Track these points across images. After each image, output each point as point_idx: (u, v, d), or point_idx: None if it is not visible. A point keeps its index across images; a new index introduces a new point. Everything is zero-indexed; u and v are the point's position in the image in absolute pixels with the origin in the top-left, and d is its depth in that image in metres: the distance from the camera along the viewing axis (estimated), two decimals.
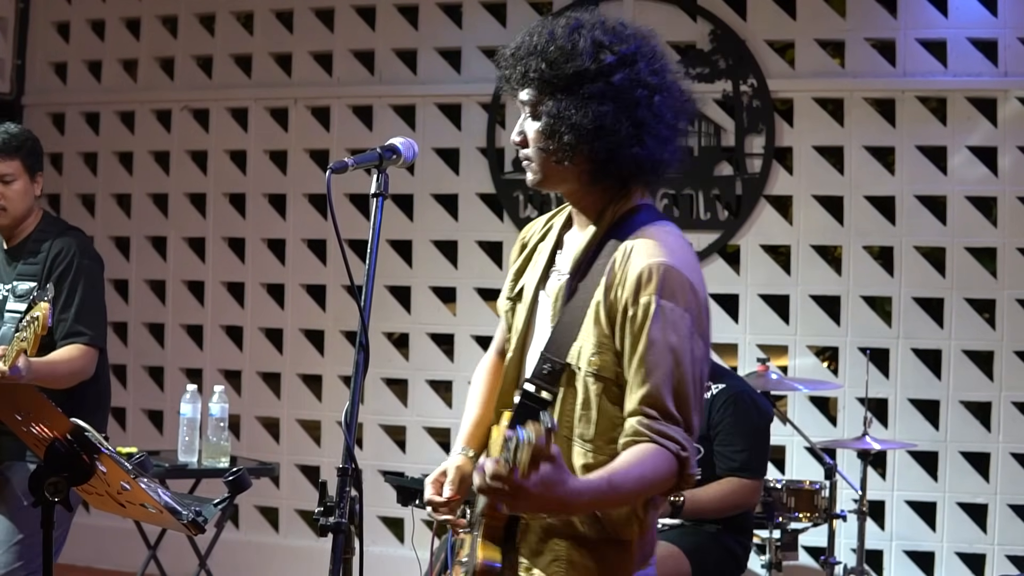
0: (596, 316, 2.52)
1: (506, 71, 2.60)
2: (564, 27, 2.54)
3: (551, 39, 2.53)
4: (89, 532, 6.39)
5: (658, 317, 2.44)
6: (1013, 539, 5.83)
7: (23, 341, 3.73)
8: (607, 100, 2.50)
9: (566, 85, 2.51)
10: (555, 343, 2.56)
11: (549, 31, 2.55)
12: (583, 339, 2.53)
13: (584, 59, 2.51)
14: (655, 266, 2.46)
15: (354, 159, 2.64)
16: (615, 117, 2.50)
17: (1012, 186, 5.93)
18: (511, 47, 2.59)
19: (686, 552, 4.49)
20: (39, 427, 2.81)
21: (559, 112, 2.51)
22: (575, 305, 2.56)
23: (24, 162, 4.27)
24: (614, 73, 2.51)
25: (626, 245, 2.52)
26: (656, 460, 2.41)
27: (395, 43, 6.81)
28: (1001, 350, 5.91)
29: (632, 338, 2.46)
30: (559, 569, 2.57)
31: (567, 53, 2.52)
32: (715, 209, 6.25)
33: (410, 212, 6.67)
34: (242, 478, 2.94)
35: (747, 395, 4.66)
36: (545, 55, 2.53)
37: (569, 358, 2.53)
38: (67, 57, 7.40)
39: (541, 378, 2.55)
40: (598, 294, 2.52)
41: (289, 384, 6.95)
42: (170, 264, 7.20)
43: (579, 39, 2.52)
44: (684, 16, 6.36)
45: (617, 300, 2.49)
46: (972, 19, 5.98)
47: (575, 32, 2.54)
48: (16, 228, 4.31)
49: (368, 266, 2.61)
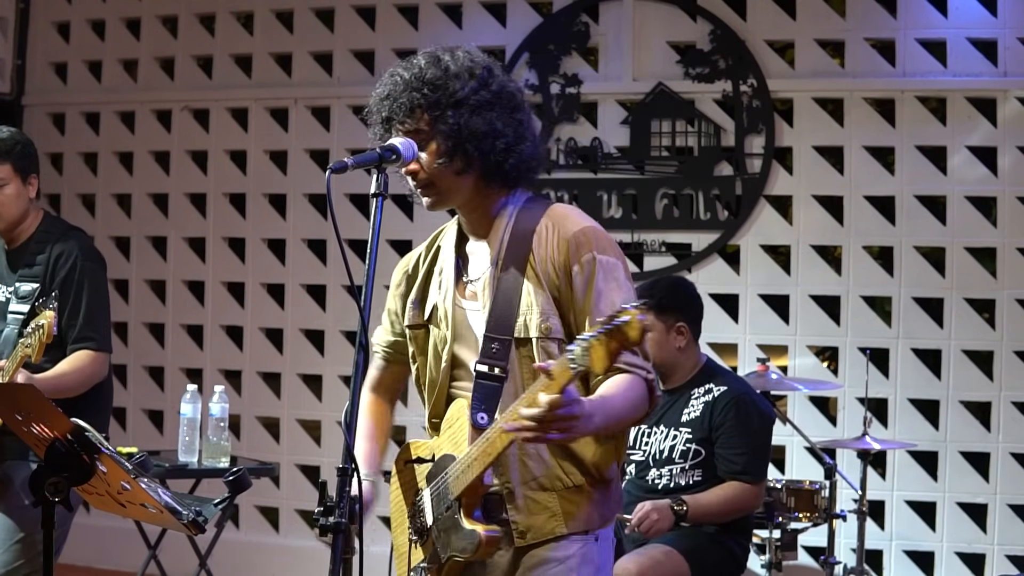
0: (536, 288, 2.78)
1: (386, 113, 2.79)
2: (426, 62, 2.78)
3: (421, 72, 2.76)
4: (89, 532, 6.39)
5: (600, 269, 2.75)
6: (1013, 539, 5.83)
7: (28, 348, 3.72)
8: (494, 107, 2.77)
9: (454, 102, 2.74)
10: (495, 324, 2.78)
11: (415, 70, 2.77)
12: (524, 313, 2.78)
13: (463, 76, 2.76)
14: (585, 229, 2.80)
15: (354, 159, 2.66)
16: (503, 121, 2.77)
17: (1012, 186, 5.94)
18: (378, 97, 2.80)
19: (684, 554, 4.48)
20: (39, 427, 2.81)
21: (458, 125, 2.74)
22: (504, 288, 2.80)
23: (15, 165, 4.23)
24: (490, 84, 2.78)
25: (543, 224, 2.82)
26: (634, 384, 2.71)
27: (395, 43, 6.81)
28: (1001, 350, 5.91)
29: (581, 291, 2.75)
30: (559, 522, 2.78)
31: (445, 76, 2.75)
32: (715, 209, 6.25)
33: (410, 212, 6.68)
34: (242, 478, 2.94)
35: (749, 398, 4.65)
36: (425, 83, 2.75)
37: (516, 332, 2.77)
38: (67, 57, 7.40)
39: (491, 356, 2.77)
40: (531, 270, 2.79)
41: (289, 384, 6.95)
42: (170, 264, 7.20)
43: (448, 63, 2.77)
44: (684, 16, 6.36)
45: (557, 266, 2.78)
46: (972, 19, 5.99)
47: (438, 60, 2.78)
48: (14, 231, 4.29)
49: (368, 266, 2.62)
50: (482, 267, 2.86)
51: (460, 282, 2.89)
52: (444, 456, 2.83)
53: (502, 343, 2.76)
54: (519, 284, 2.78)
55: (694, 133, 6.28)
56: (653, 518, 4.38)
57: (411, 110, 2.74)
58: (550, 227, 2.81)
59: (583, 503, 2.79)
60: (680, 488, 4.56)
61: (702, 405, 4.60)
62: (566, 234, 2.79)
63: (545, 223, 2.82)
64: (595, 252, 2.77)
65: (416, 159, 2.76)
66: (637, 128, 6.36)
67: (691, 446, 4.59)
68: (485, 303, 2.81)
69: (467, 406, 2.78)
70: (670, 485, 4.59)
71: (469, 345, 2.85)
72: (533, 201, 2.89)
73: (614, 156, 6.40)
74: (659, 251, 6.32)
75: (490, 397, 2.76)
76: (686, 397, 4.64)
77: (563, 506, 2.77)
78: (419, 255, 3.02)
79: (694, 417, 4.60)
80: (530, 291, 2.78)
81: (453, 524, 2.76)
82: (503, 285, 2.80)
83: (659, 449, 4.63)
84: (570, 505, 2.78)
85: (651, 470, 4.63)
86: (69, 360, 4.12)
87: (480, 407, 2.76)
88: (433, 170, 2.77)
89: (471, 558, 2.74)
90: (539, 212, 2.85)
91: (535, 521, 2.76)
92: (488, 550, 2.73)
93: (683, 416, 4.61)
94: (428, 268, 2.98)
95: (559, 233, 2.79)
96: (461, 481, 2.73)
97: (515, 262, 2.80)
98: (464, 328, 2.86)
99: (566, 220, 2.82)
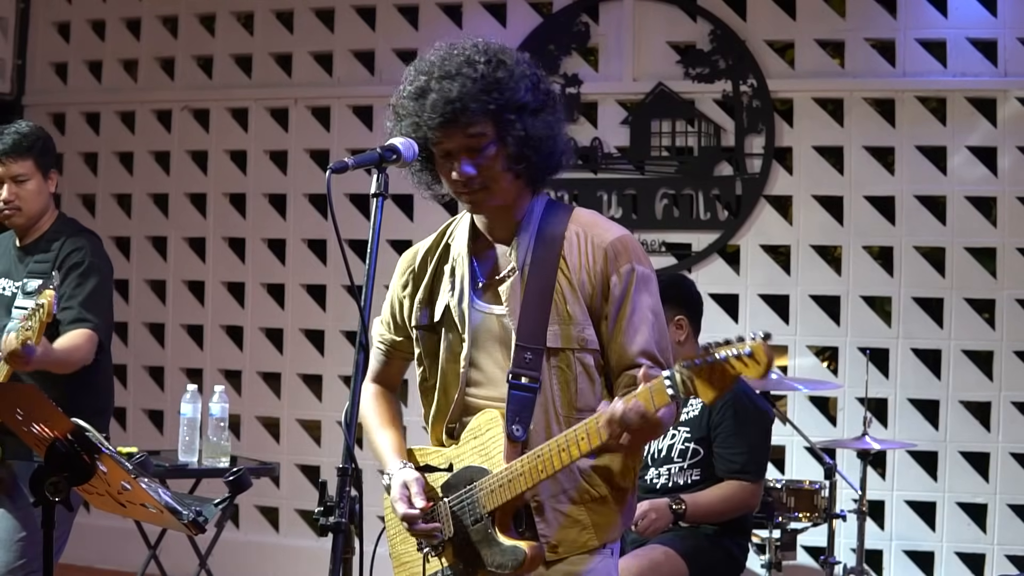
0: (570, 297, 2.75)
1: (450, 116, 2.68)
2: (488, 61, 2.71)
3: (488, 74, 2.70)
4: (89, 532, 6.39)
5: (639, 280, 2.76)
6: (1013, 539, 5.83)
7: (28, 331, 3.70)
8: (547, 110, 2.78)
9: (519, 106, 2.73)
10: (528, 332, 2.74)
11: (479, 70, 2.69)
12: (557, 321, 2.74)
13: (525, 78, 2.74)
14: (622, 238, 2.79)
15: (354, 159, 2.65)
16: (554, 124, 2.79)
17: (1012, 186, 5.94)
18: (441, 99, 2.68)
19: (683, 555, 4.47)
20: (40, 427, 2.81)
21: (524, 130, 2.72)
22: (534, 294, 2.75)
23: (37, 161, 4.25)
24: (541, 85, 2.78)
25: (572, 230, 2.79)
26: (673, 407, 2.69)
27: (395, 43, 6.81)
28: (1001, 350, 5.91)
29: (617, 302, 2.75)
30: (591, 535, 2.77)
31: (511, 79, 2.72)
32: (715, 209, 6.25)
33: (410, 212, 6.68)
34: (242, 478, 2.94)
35: (747, 397, 4.65)
36: (494, 87, 2.70)
37: (549, 341, 2.74)
38: (67, 57, 7.40)
39: (525, 366, 2.73)
40: (563, 278, 2.75)
41: (289, 384, 6.95)
42: (170, 264, 7.20)
43: (511, 64, 2.73)
44: (684, 16, 6.36)
45: (593, 275, 2.75)
46: (972, 19, 5.99)
47: (501, 62, 2.73)
48: (31, 227, 4.31)
49: (368, 266, 2.62)
50: (502, 270, 2.82)
51: (476, 284, 2.84)
52: (469, 468, 2.79)
53: (535, 352, 2.73)
54: (549, 291, 2.75)
55: (694, 133, 6.28)
56: (651, 517, 4.38)
57: (482, 115, 2.70)
58: (581, 234, 2.78)
59: (609, 514, 2.78)
60: (678, 487, 4.56)
61: (700, 404, 4.60)
62: (601, 242, 2.77)
63: (575, 229, 2.79)
64: (634, 263, 2.76)
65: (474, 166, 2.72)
66: (637, 128, 6.36)
67: (690, 445, 4.59)
68: (514, 310, 2.77)
69: (501, 417, 2.74)
70: (668, 484, 4.59)
71: (487, 350, 2.81)
72: (554, 204, 2.87)
73: (614, 156, 6.40)
74: (659, 251, 6.32)
75: (524, 408, 2.72)
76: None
77: (592, 519, 2.76)
78: (424, 252, 2.95)
79: (693, 416, 4.60)
80: (563, 299, 2.75)
81: (485, 539, 2.72)
82: (531, 291, 2.76)
83: (657, 448, 4.62)
84: (599, 517, 2.77)
85: (649, 469, 4.63)
86: (63, 338, 4.08)
87: (515, 419, 2.71)
88: (495, 174, 2.74)
89: (513, 574, 2.70)
90: (564, 216, 2.82)
91: (567, 535, 2.74)
92: (533, 567, 2.70)
93: (682, 415, 4.61)
94: (436, 267, 2.91)
95: (593, 241, 2.77)
96: (498, 496, 2.71)
97: (544, 268, 2.76)
98: (482, 332, 2.81)
99: (597, 227, 2.80)
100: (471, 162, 2.72)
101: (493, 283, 2.83)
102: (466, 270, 2.85)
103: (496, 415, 2.75)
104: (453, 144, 2.72)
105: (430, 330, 2.89)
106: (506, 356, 2.77)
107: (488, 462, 2.75)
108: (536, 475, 2.65)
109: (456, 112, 2.68)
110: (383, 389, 3.08)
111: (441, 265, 2.90)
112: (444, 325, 2.86)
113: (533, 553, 2.68)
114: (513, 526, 2.73)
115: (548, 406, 2.72)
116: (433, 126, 2.70)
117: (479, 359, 2.82)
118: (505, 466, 2.70)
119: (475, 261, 2.86)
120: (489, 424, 2.77)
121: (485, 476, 2.74)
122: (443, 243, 2.94)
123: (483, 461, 2.76)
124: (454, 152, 2.73)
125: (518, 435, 2.70)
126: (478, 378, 2.82)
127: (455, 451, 2.84)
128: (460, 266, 2.86)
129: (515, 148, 2.72)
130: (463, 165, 2.72)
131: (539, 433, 2.72)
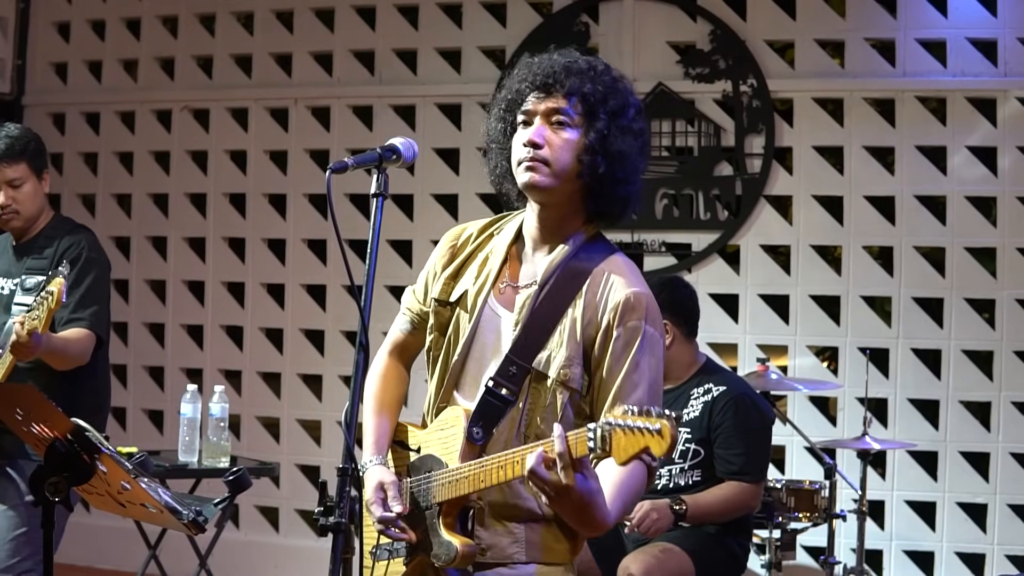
0: (571, 332, 2.73)
1: (545, 79, 2.73)
2: (602, 65, 2.78)
3: (597, 70, 2.75)
4: (89, 532, 6.39)
5: (644, 340, 2.72)
6: (1013, 539, 5.83)
7: (35, 320, 3.71)
8: (635, 138, 2.76)
9: (611, 112, 2.73)
10: (521, 348, 2.75)
11: (588, 65, 2.76)
12: (552, 348, 2.74)
13: (626, 96, 2.77)
14: (639, 295, 2.75)
15: (354, 159, 2.65)
16: (636, 156, 2.76)
17: (1012, 186, 5.94)
18: (545, 66, 2.74)
19: (688, 552, 4.48)
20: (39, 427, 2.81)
21: (606, 133, 2.71)
22: (542, 315, 2.75)
23: (31, 164, 4.26)
24: (639, 118, 2.78)
25: (601, 270, 2.77)
26: (642, 472, 2.67)
27: (395, 43, 6.81)
28: (1001, 350, 5.91)
29: (617, 356, 2.72)
30: (519, 549, 2.77)
31: (614, 84, 2.76)
32: (715, 209, 6.25)
33: (410, 212, 6.68)
34: (242, 478, 2.93)
35: (748, 398, 4.65)
36: (598, 79, 2.73)
37: (536, 363, 2.74)
38: (67, 57, 7.40)
39: (507, 378, 2.74)
40: (574, 312, 2.74)
41: (289, 384, 6.95)
42: (170, 264, 7.20)
43: (618, 77, 2.78)
44: (684, 16, 6.36)
45: (600, 322, 2.73)
46: (972, 19, 5.99)
47: (610, 69, 2.79)
48: (32, 225, 4.32)
49: (368, 266, 2.62)
50: (525, 280, 2.83)
51: (497, 284, 2.85)
52: (429, 456, 2.83)
53: (520, 368, 2.74)
54: (556, 318, 2.75)
55: (694, 133, 6.28)
56: (653, 517, 4.39)
57: (577, 92, 2.71)
58: (606, 278, 2.76)
59: (548, 537, 2.78)
60: (679, 488, 4.56)
61: (701, 405, 4.60)
62: (619, 293, 2.74)
63: (604, 270, 2.77)
64: (644, 321, 2.73)
65: (543, 136, 2.72)
66: None
67: (690, 446, 4.59)
68: (518, 321, 2.78)
69: (465, 417, 2.76)
70: (669, 485, 4.59)
71: (485, 347, 2.82)
72: (599, 240, 2.84)
73: None
74: (659, 251, 6.32)
75: (491, 416, 2.74)
76: (685, 397, 4.64)
77: (528, 535, 2.77)
78: (471, 234, 2.95)
79: (693, 417, 4.60)
80: (564, 330, 2.74)
81: (431, 526, 2.77)
82: (540, 312, 2.76)
83: None
84: (535, 536, 2.77)
85: None
86: (62, 334, 4.08)
87: (479, 422, 2.74)
88: (560, 154, 2.71)
89: (443, 566, 2.75)
90: (601, 256, 2.80)
91: (498, 542, 2.77)
92: (463, 563, 2.74)
93: (682, 416, 4.60)
94: (473, 251, 2.92)
95: (613, 288, 2.75)
96: (446, 491, 2.74)
97: (560, 295, 2.76)
98: (486, 330, 2.83)
99: (622, 276, 2.77)
100: (545, 134, 2.72)
101: (513, 288, 2.83)
102: (496, 266, 2.85)
103: (462, 414, 2.78)
104: (541, 107, 2.73)
105: (444, 306, 2.90)
106: (496, 360, 2.79)
107: (447, 456, 2.79)
108: (478, 482, 2.68)
109: (558, 81, 2.72)
110: (394, 364, 3.05)
111: (477, 251, 2.91)
112: (459, 307, 2.87)
113: (464, 551, 2.72)
114: (457, 521, 2.77)
115: (516, 422, 2.75)
116: (535, 82, 2.73)
117: (474, 354, 2.83)
118: (456, 465, 2.74)
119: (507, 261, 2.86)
120: (454, 420, 2.80)
121: (440, 469, 2.78)
122: (489, 232, 2.93)
123: (443, 454, 2.80)
124: (534, 116, 2.74)
125: (477, 438, 2.74)
126: (467, 371, 2.84)
127: (424, 436, 2.89)
128: (493, 259, 2.87)
129: (591, 142, 2.71)
130: (539, 129, 2.73)
131: (499, 443, 2.74)
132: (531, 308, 2.77)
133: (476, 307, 2.84)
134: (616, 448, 2.38)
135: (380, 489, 2.79)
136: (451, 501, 2.74)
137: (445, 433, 2.82)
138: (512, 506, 2.77)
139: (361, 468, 2.84)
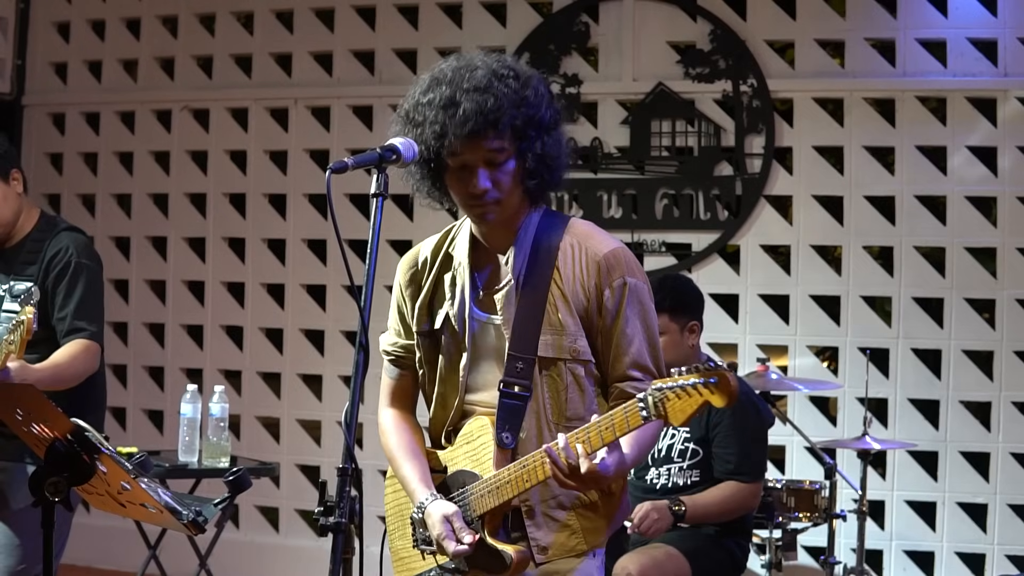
0: (563, 308, 2.77)
1: (473, 128, 2.67)
2: (505, 70, 2.72)
3: (517, 91, 2.71)
4: (89, 532, 6.39)
5: (631, 293, 2.79)
6: (1013, 539, 5.83)
7: (11, 344, 3.60)
8: (557, 128, 2.82)
9: (538, 124, 2.76)
10: (520, 342, 2.77)
11: (508, 85, 2.70)
12: (549, 331, 2.77)
13: (543, 96, 2.78)
14: (615, 251, 2.81)
15: (354, 159, 2.64)
16: (563, 142, 2.84)
17: (1012, 186, 5.94)
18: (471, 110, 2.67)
19: (686, 554, 4.49)
20: (39, 427, 2.81)
21: (543, 148, 2.76)
22: (527, 305, 2.78)
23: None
24: (553, 103, 2.82)
25: (568, 241, 2.82)
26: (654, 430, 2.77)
27: (395, 43, 6.81)
28: (1001, 350, 5.91)
29: (611, 315, 2.78)
30: (579, 539, 2.81)
31: (536, 96, 2.75)
32: (715, 209, 6.25)
33: (410, 212, 6.68)
34: (242, 478, 2.93)
35: (746, 397, 4.65)
36: (522, 103, 2.71)
37: (540, 351, 2.77)
38: (67, 57, 7.40)
39: (516, 376, 2.77)
40: (556, 289, 2.78)
41: (289, 384, 6.95)
42: (170, 264, 7.20)
43: (521, 74, 2.75)
44: (684, 16, 6.36)
45: (587, 288, 2.78)
46: (972, 19, 5.98)
47: (530, 78, 2.76)
48: (11, 230, 4.15)
49: (368, 266, 2.62)
50: (499, 280, 2.84)
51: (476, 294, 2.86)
52: (461, 471, 2.83)
53: (526, 362, 2.76)
54: (542, 302, 2.77)
55: (694, 133, 6.28)
56: (653, 518, 4.39)
57: (504, 127, 2.70)
58: (576, 246, 2.81)
59: (598, 519, 2.83)
60: (678, 488, 4.57)
61: None
62: (595, 255, 2.79)
63: (569, 240, 2.82)
64: (626, 276, 2.79)
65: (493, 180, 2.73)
66: (637, 128, 6.36)
67: (689, 445, 4.59)
68: (507, 319, 2.79)
69: (491, 424, 2.77)
70: (668, 485, 4.59)
71: (484, 357, 2.84)
72: (551, 215, 2.89)
73: (614, 156, 6.40)
74: (659, 251, 6.32)
75: (514, 416, 2.76)
76: None
77: (582, 524, 2.81)
78: (425, 258, 2.96)
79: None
80: (555, 309, 2.77)
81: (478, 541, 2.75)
82: (525, 302, 2.78)
83: (657, 448, 4.63)
84: (588, 522, 2.82)
85: (649, 470, 4.63)
86: (62, 351, 4.00)
87: (504, 426, 2.75)
88: (508, 189, 2.77)
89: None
90: (560, 227, 2.84)
91: (557, 539, 2.78)
92: (519, 570, 2.74)
93: None
94: (438, 275, 2.92)
95: (587, 253, 2.80)
96: (487, 501, 2.74)
97: (538, 279, 2.79)
98: (480, 341, 2.84)
99: (591, 239, 2.83)
100: (489, 176, 2.74)
101: (491, 292, 2.85)
102: (467, 280, 2.86)
103: (487, 422, 2.79)
104: (475, 156, 2.72)
105: (429, 337, 2.92)
106: (501, 364, 2.80)
107: (479, 467, 2.79)
108: (522, 483, 2.69)
109: (488, 124, 2.68)
110: (400, 414, 3.02)
111: (442, 274, 2.92)
112: (444, 333, 2.88)
113: (519, 558, 2.73)
114: (503, 529, 2.77)
115: (540, 414, 2.76)
116: (462, 136, 2.68)
117: (478, 366, 2.85)
118: (493, 473, 2.75)
119: (475, 271, 2.88)
120: (480, 431, 2.81)
121: (476, 481, 2.78)
122: (444, 251, 2.94)
123: (474, 466, 2.81)
124: (472, 165, 2.73)
125: (507, 443, 2.75)
126: (476, 384, 2.85)
127: (450, 454, 2.88)
128: (461, 276, 2.88)
129: (532, 165, 2.76)
130: (481, 179, 2.73)
131: (531, 440, 2.76)
132: (515, 302, 2.79)
133: (464, 324, 2.85)
134: (672, 412, 2.44)
135: (446, 522, 2.77)
136: (494, 510, 2.75)
137: (472, 446, 2.83)
138: (558, 498, 2.79)
139: (418, 509, 2.83)
